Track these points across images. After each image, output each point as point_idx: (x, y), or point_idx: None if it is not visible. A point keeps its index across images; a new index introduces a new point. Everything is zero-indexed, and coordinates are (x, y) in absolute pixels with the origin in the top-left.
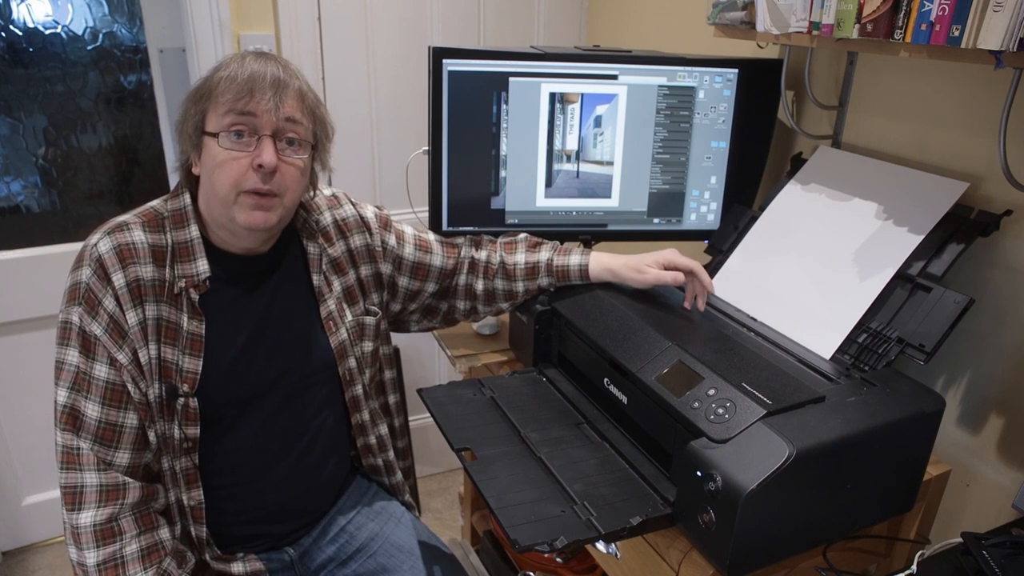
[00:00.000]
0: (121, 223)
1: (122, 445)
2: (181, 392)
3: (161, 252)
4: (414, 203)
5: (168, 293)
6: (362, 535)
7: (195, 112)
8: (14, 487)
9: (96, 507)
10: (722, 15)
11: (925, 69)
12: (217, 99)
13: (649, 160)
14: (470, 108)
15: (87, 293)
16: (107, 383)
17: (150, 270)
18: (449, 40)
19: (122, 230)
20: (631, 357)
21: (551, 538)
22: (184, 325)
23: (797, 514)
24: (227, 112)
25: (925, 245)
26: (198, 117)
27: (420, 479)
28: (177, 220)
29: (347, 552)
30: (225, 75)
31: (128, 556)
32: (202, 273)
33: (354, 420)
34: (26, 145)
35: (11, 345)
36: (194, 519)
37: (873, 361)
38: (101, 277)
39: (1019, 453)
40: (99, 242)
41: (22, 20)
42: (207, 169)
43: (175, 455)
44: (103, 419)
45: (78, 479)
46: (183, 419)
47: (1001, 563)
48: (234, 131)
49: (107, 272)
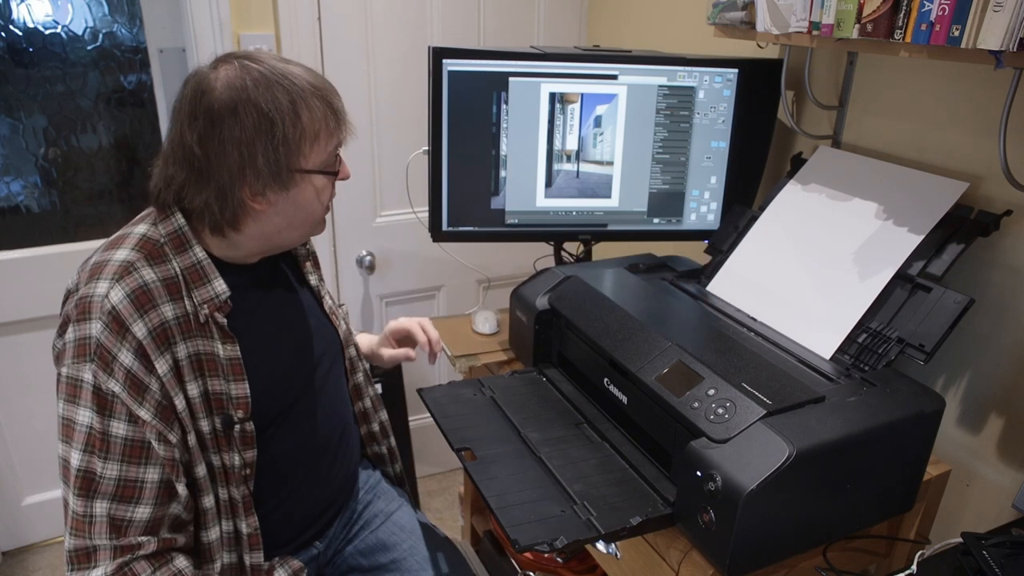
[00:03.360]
0: (125, 264)
1: (143, 501)
2: (236, 419)
3: (175, 284)
4: (414, 203)
5: (196, 325)
6: (367, 513)
7: (280, 151)
8: (14, 487)
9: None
10: (722, 15)
11: (925, 69)
12: (319, 137)
13: (649, 160)
14: (470, 108)
15: (99, 349)
16: (126, 441)
17: (170, 308)
18: (449, 40)
19: (130, 273)
20: (631, 357)
21: (551, 538)
22: (221, 353)
23: (797, 514)
24: (329, 148)
25: (925, 245)
26: (289, 154)
27: (420, 479)
28: (177, 244)
29: (353, 530)
30: (319, 112)
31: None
32: (222, 294)
33: (357, 408)
34: (26, 145)
35: (11, 345)
36: (250, 546)
37: (873, 361)
38: (115, 331)
39: (1019, 453)
40: (110, 292)
41: (22, 20)
42: (301, 204)
43: (234, 484)
44: (122, 477)
45: (89, 544)
46: (241, 445)
47: (1001, 563)
48: (333, 161)
49: (124, 324)
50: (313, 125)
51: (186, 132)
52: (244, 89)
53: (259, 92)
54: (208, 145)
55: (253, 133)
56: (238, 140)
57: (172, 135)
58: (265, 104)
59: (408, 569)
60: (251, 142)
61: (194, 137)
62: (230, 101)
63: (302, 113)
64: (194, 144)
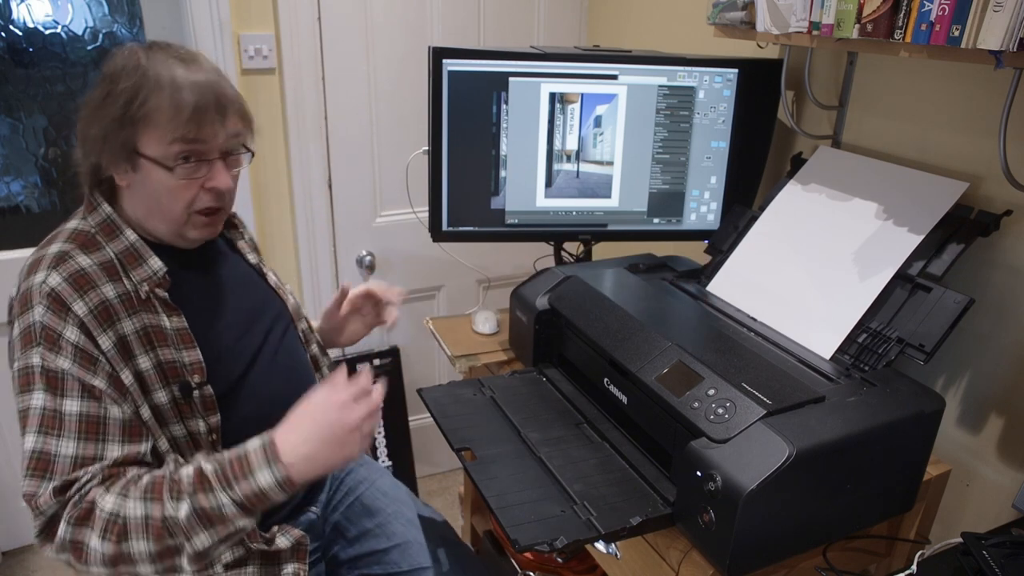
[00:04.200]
0: (59, 254)
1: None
2: (194, 384)
3: (112, 267)
4: (414, 203)
5: (138, 301)
6: (350, 480)
7: (120, 128)
8: (14, 487)
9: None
10: (722, 15)
11: (925, 69)
12: (159, 126)
13: (649, 160)
14: (470, 108)
15: (44, 331)
16: (81, 417)
17: (111, 288)
18: (449, 40)
19: (65, 260)
20: (631, 357)
21: (551, 538)
22: (167, 324)
23: (797, 514)
24: (174, 141)
25: (925, 245)
26: (127, 134)
27: (420, 479)
28: (108, 231)
29: (337, 497)
30: (167, 102)
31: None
32: (159, 270)
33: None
34: (26, 145)
35: None
36: None
37: (873, 361)
38: (57, 311)
39: (1019, 453)
40: (47, 278)
41: (22, 20)
42: (151, 191)
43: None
44: (78, 455)
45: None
46: (203, 410)
47: (1001, 563)
48: (182, 157)
49: (64, 303)
50: (154, 111)
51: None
52: (119, 69)
53: (127, 71)
54: (84, 108)
55: (99, 103)
56: (88, 106)
57: None
58: (123, 81)
59: (394, 533)
60: (94, 110)
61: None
62: (104, 75)
63: (150, 97)
64: (82, 107)
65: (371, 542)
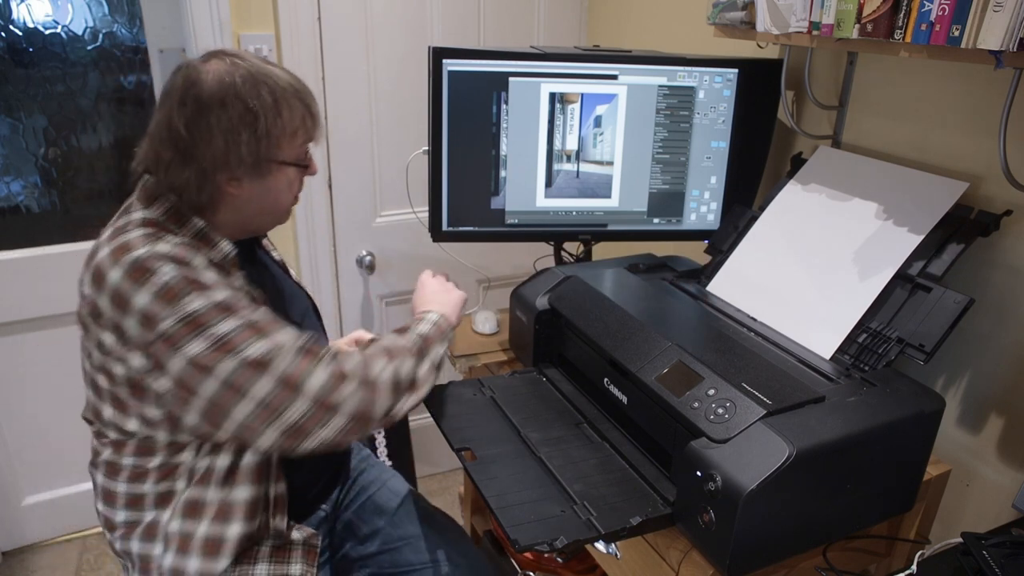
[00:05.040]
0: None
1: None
2: None
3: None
4: (414, 203)
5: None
6: (362, 480)
7: (261, 143)
8: (14, 487)
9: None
10: (722, 15)
11: (925, 69)
12: (295, 131)
13: (649, 160)
14: (470, 108)
15: (184, 282)
16: (267, 317)
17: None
18: (449, 40)
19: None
20: (631, 357)
21: (551, 538)
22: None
23: (797, 514)
24: (304, 141)
25: (925, 245)
26: (266, 146)
27: (420, 479)
28: (176, 219)
29: (349, 496)
30: (299, 107)
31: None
32: (230, 252)
33: None
34: (26, 145)
35: (11, 345)
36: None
37: (873, 361)
38: (184, 263)
39: (1019, 453)
40: (155, 247)
41: (22, 20)
42: (272, 191)
43: None
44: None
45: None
46: None
47: (1001, 563)
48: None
49: (186, 260)
50: (292, 122)
51: (174, 116)
52: (233, 84)
53: (246, 88)
54: (194, 130)
55: (238, 124)
56: (224, 129)
57: (159, 118)
58: (251, 99)
59: (404, 531)
60: (236, 131)
61: (182, 121)
62: (219, 92)
63: (283, 110)
64: (181, 127)
65: (382, 540)
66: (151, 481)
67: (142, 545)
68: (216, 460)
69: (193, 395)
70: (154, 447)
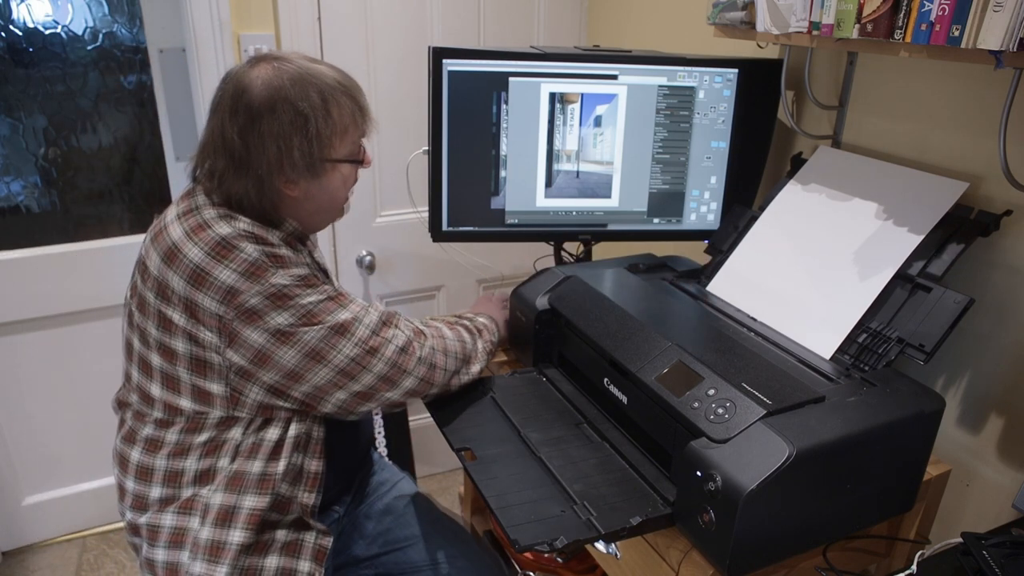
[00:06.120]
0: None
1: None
2: None
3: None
4: (414, 203)
5: None
6: (373, 482)
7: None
8: (14, 487)
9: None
10: (722, 15)
11: (925, 69)
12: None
13: (649, 160)
14: (470, 108)
15: (268, 258)
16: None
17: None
18: (449, 40)
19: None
20: (631, 357)
21: (551, 538)
22: None
23: (797, 514)
24: (357, 138)
25: (925, 245)
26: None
27: (420, 479)
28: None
29: (361, 496)
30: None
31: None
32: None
33: None
34: (26, 145)
35: (11, 345)
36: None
37: (873, 361)
38: (264, 242)
39: (1019, 453)
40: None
41: (22, 20)
42: (329, 190)
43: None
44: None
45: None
46: None
47: (1001, 563)
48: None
49: (265, 238)
50: (342, 120)
51: (227, 126)
52: (281, 88)
53: (295, 91)
54: (248, 138)
55: (289, 128)
56: (276, 134)
57: (212, 127)
58: (300, 102)
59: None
60: (288, 136)
61: (235, 130)
62: (269, 99)
63: (332, 109)
64: (235, 136)
65: (389, 541)
66: (194, 457)
67: (178, 518)
68: (266, 434)
69: (271, 365)
70: (204, 424)
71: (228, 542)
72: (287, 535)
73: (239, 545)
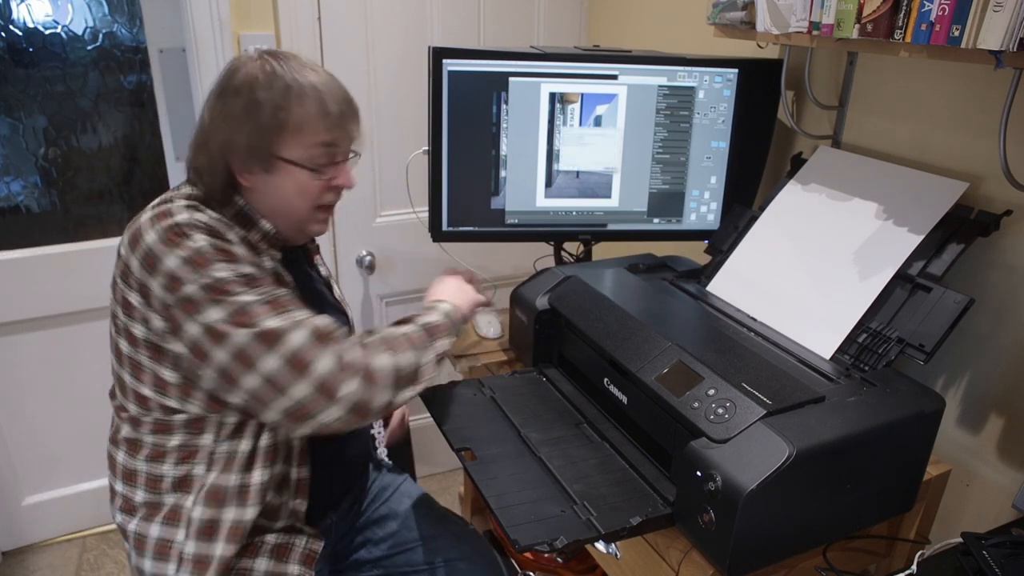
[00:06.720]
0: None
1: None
2: None
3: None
4: (414, 203)
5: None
6: (375, 487)
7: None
8: (14, 487)
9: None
10: (722, 15)
11: (925, 69)
12: (304, 132)
13: (649, 160)
14: (470, 108)
15: (216, 250)
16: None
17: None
18: (449, 40)
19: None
20: (631, 357)
21: (551, 538)
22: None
23: (797, 514)
24: (317, 145)
25: (925, 245)
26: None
27: (420, 479)
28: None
29: (364, 503)
30: (314, 109)
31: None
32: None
33: None
34: (26, 145)
35: (11, 345)
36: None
37: (873, 361)
38: (218, 235)
39: (1019, 453)
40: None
41: (22, 20)
42: (281, 191)
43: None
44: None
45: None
46: None
47: (1001, 563)
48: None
49: (220, 232)
50: (300, 118)
51: (205, 104)
52: (255, 77)
53: (263, 80)
54: (210, 114)
55: (241, 112)
56: (228, 116)
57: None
58: (260, 91)
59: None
60: (238, 119)
61: (206, 109)
62: (238, 84)
63: (292, 105)
64: (205, 113)
65: (394, 543)
66: (170, 462)
67: (163, 529)
68: (238, 445)
69: (207, 361)
70: (172, 425)
71: (213, 555)
72: (277, 539)
73: (224, 558)
